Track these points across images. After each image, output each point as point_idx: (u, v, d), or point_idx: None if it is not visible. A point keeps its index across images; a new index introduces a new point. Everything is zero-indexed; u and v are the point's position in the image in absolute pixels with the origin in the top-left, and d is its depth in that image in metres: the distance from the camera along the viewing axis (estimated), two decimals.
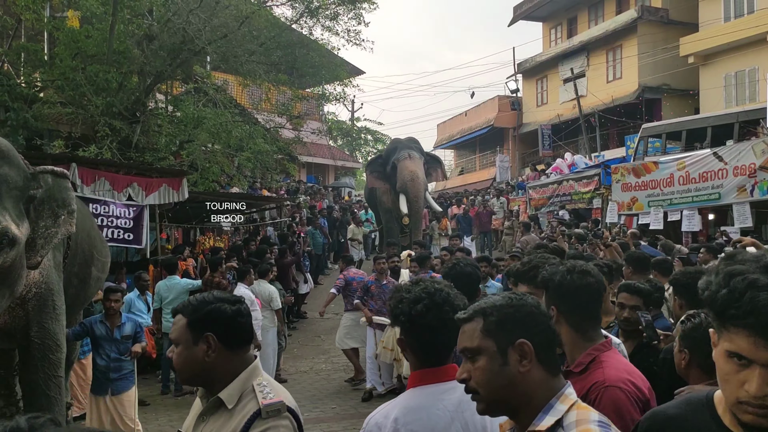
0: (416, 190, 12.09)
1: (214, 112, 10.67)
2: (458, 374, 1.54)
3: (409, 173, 12.08)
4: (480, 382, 1.48)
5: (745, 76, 18.06)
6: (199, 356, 1.81)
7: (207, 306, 1.86)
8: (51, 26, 10.33)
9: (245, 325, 1.90)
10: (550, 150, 23.93)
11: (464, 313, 1.57)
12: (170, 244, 10.30)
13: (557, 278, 2.09)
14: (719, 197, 10.86)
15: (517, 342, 1.46)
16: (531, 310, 1.51)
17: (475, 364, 1.49)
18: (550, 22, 26.72)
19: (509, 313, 1.50)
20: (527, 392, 1.47)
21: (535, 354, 1.46)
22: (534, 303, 1.54)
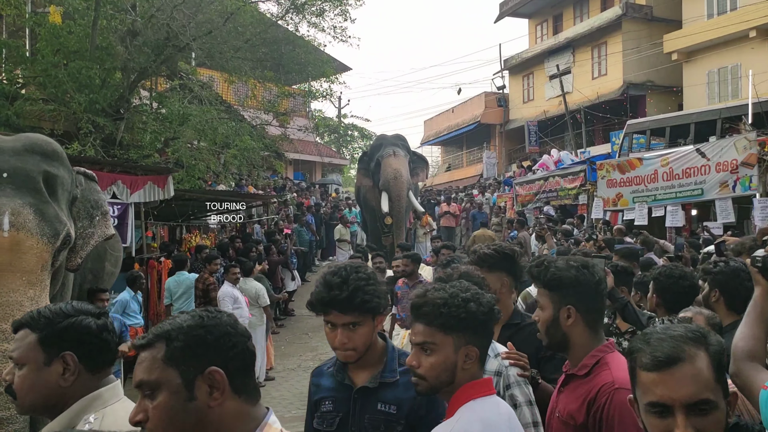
0: (399, 189, 11.67)
1: (200, 109, 10.59)
2: (131, 416, 1.26)
3: (393, 171, 11.68)
4: (158, 424, 1.23)
5: (728, 73, 18.25)
6: (52, 380, 1.55)
7: (65, 319, 1.60)
8: (32, 22, 10.18)
9: (111, 343, 1.67)
10: (536, 146, 24.04)
11: (142, 338, 1.31)
12: (156, 242, 10.23)
13: (572, 275, 2.00)
14: (702, 193, 10.98)
15: (207, 371, 1.26)
16: (226, 330, 1.30)
17: (153, 402, 1.24)
18: (536, 18, 26.82)
19: (199, 335, 1.27)
20: (221, 429, 1.27)
21: (230, 383, 1.27)
22: (230, 321, 1.33)
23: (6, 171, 3.31)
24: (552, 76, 23.55)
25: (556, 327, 2.01)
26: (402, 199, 11.69)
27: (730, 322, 2.70)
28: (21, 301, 3.09)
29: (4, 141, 3.54)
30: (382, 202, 11.75)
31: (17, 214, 3.19)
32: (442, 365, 1.72)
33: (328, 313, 1.93)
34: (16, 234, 3.16)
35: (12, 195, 3.25)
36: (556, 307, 2.01)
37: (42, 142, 3.64)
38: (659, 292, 3.08)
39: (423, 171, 13.23)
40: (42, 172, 3.45)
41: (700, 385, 1.25)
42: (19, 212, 3.20)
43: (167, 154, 10.53)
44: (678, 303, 2.88)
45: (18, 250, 3.16)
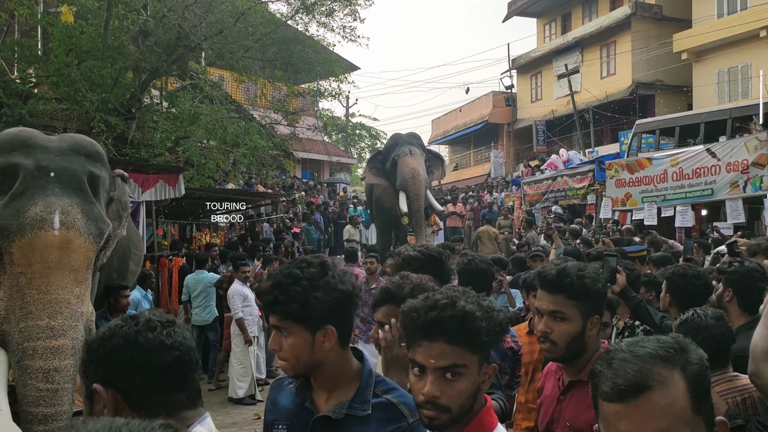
0: (417, 188, 11.49)
1: (210, 108, 10.65)
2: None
3: (410, 170, 11.50)
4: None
5: (738, 73, 18.16)
6: None
7: None
8: (45, 22, 10.28)
9: None
10: (544, 146, 24.00)
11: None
12: (167, 240, 10.30)
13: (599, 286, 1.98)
14: (712, 193, 10.95)
15: (94, 388, 1.31)
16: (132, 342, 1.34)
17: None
18: (545, 18, 26.76)
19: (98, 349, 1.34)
20: None
21: (127, 400, 1.30)
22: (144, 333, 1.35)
23: (53, 171, 3.35)
24: (560, 75, 23.49)
25: (581, 339, 1.94)
26: (420, 198, 11.54)
27: (743, 322, 2.72)
28: (69, 299, 3.15)
29: (50, 141, 3.59)
30: (400, 202, 11.57)
31: (66, 213, 3.24)
32: (469, 391, 1.43)
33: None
34: (66, 233, 3.20)
35: (60, 194, 3.29)
36: (585, 317, 1.94)
37: (86, 143, 3.71)
38: (672, 291, 3.10)
39: (439, 169, 13.06)
40: (87, 172, 3.50)
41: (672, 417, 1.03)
42: (68, 211, 3.25)
43: (178, 153, 10.60)
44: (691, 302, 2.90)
45: (67, 249, 3.20)
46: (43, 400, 2.92)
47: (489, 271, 3.34)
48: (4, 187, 3.29)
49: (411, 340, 1.46)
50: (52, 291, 3.10)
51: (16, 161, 3.32)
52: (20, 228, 3.13)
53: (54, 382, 2.97)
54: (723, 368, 2.25)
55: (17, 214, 3.16)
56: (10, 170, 3.30)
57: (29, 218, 3.15)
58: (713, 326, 2.23)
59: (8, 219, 3.15)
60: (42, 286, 3.10)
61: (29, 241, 3.13)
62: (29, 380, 2.95)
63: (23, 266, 3.12)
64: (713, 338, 2.21)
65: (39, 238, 3.14)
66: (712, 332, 2.22)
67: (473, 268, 3.26)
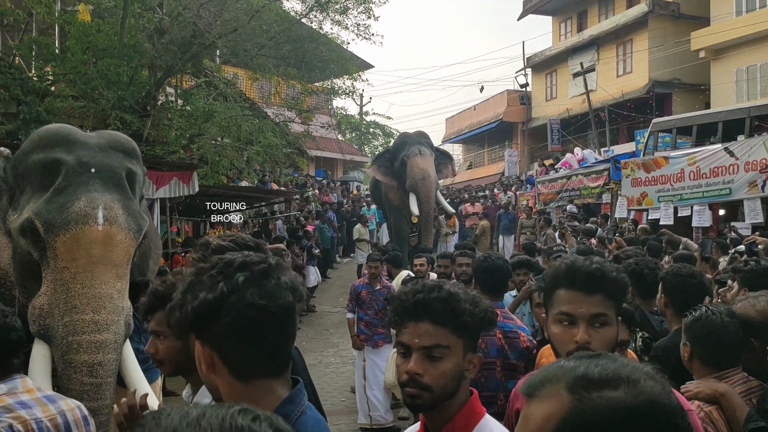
0: (427, 190, 11.26)
1: (225, 106, 10.70)
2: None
3: (420, 171, 11.28)
4: None
5: (757, 71, 17.90)
6: None
7: None
8: (62, 20, 10.38)
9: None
10: (559, 145, 23.84)
11: None
12: (180, 237, 10.37)
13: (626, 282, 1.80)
14: (730, 192, 10.80)
15: None
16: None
17: None
18: (560, 16, 26.57)
19: None
20: None
21: None
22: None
23: (94, 166, 3.39)
24: (576, 74, 23.32)
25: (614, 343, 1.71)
26: (431, 200, 11.34)
27: None
28: (111, 293, 3.18)
29: (90, 137, 3.63)
30: (410, 204, 11.37)
31: (109, 209, 3.28)
32: (451, 373, 1.48)
33: None
34: (109, 228, 3.24)
35: (102, 190, 3.33)
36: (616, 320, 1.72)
37: (123, 140, 3.76)
38: (667, 292, 3.05)
39: (447, 168, 12.83)
40: (125, 168, 3.55)
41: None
42: (111, 207, 3.30)
43: (192, 150, 10.66)
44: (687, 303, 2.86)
45: (110, 244, 3.24)
46: (87, 394, 2.95)
47: (506, 269, 3.30)
48: (46, 182, 3.34)
49: (399, 323, 1.54)
50: (96, 286, 3.13)
51: (58, 157, 3.36)
52: (65, 223, 3.17)
53: (98, 376, 3.01)
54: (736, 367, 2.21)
55: (61, 209, 3.20)
56: (51, 165, 3.35)
57: (74, 213, 3.19)
58: (728, 323, 2.19)
59: (53, 214, 3.20)
60: (86, 281, 3.13)
61: (74, 235, 3.17)
62: (74, 374, 3.00)
63: (67, 261, 3.15)
64: (729, 335, 2.17)
65: (83, 233, 3.18)
66: (727, 329, 2.18)
67: (489, 266, 3.21)
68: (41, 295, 3.19)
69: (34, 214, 3.23)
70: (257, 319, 1.19)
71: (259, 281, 1.21)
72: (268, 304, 1.19)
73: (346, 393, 7.24)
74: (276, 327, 1.22)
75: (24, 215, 3.29)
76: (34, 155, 3.42)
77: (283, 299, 1.22)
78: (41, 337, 3.17)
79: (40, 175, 3.38)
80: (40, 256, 3.24)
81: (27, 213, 3.28)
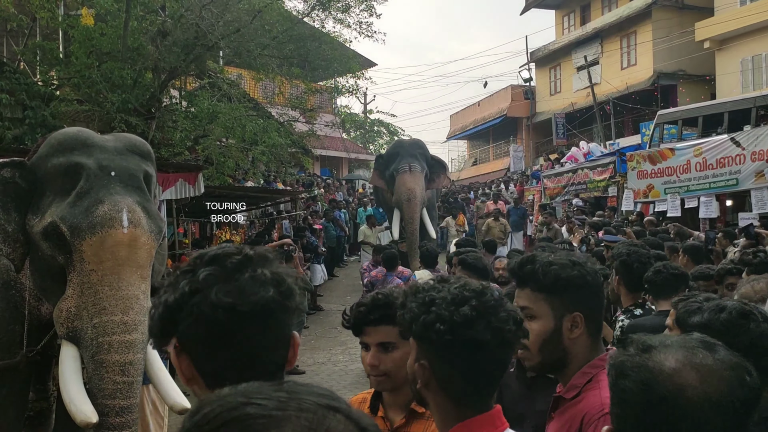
0: (411, 212, 10.87)
1: (229, 107, 10.73)
2: None
3: (406, 192, 10.89)
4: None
5: (762, 61, 17.78)
6: None
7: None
8: (66, 24, 10.43)
9: None
10: (564, 139, 23.76)
11: None
12: (187, 238, 10.41)
13: (578, 273, 1.63)
14: (737, 183, 10.74)
15: None
16: None
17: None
18: (563, 9, 26.47)
19: None
20: None
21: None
22: None
23: (114, 170, 3.44)
24: (580, 67, 23.22)
25: (558, 341, 1.61)
26: (414, 221, 10.97)
27: None
28: (137, 294, 3.24)
29: (106, 140, 3.67)
30: (393, 223, 11.19)
31: (132, 212, 3.33)
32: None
33: None
34: (133, 230, 3.29)
35: (123, 193, 3.38)
36: (558, 315, 1.61)
37: (140, 143, 3.80)
38: (619, 271, 3.07)
39: (441, 177, 12.33)
40: (143, 171, 3.59)
41: None
42: (134, 209, 3.34)
43: (197, 151, 10.70)
44: (639, 282, 2.87)
45: (135, 246, 3.29)
46: (120, 393, 3.04)
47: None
48: (67, 186, 3.38)
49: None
50: (123, 287, 3.19)
51: (79, 161, 3.40)
52: (91, 226, 3.21)
53: (129, 375, 3.09)
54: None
55: (87, 212, 3.24)
56: (72, 169, 3.39)
57: (99, 217, 3.23)
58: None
59: (78, 218, 3.24)
60: (114, 283, 3.18)
61: (100, 239, 3.21)
62: (105, 374, 3.06)
63: (94, 263, 3.20)
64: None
65: (110, 236, 3.23)
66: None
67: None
68: (68, 298, 3.24)
69: (58, 218, 3.27)
70: (224, 320, 1.02)
71: (227, 276, 1.04)
72: (235, 302, 1.01)
73: (355, 391, 7.25)
74: (251, 329, 1.04)
75: (47, 219, 3.32)
76: (54, 159, 3.46)
77: (259, 295, 1.03)
78: (70, 339, 3.24)
79: (61, 179, 3.41)
80: (65, 259, 3.28)
81: (50, 217, 3.31)
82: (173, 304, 1.04)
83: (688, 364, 0.93)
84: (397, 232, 11.00)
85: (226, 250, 1.09)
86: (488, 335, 1.23)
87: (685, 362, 0.93)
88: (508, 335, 1.25)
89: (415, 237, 10.90)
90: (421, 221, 11.17)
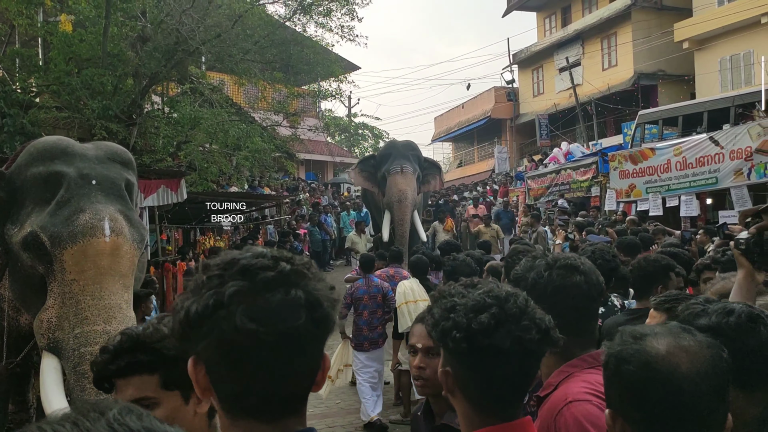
0: (402, 214, 10.61)
1: (211, 112, 10.69)
2: None
3: (398, 193, 10.62)
4: None
5: (740, 60, 18.04)
6: None
7: None
8: (44, 31, 10.33)
9: None
10: (547, 139, 23.92)
11: None
12: (170, 245, 10.34)
13: (531, 276, 1.65)
14: (716, 181, 10.88)
15: None
16: None
17: None
18: (544, 11, 26.68)
19: None
20: None
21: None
22: None
23: (95, 178, 3.41)
24: (561, 68, 23.42)
25: None
26: (405, 223, 10.73)
27: None
28: (120, 304, 3.20)
29: (87, 149, 3.63)
30: (383, 225, 10.88)
31: (114, 220, 3.30)
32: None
33: None
34: (116, 239, 3.26)
35: (104, 201, 3.35)
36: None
37: (120, 151, 3.78)
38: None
39: (435, 178, 12.10)
40: (124, 179, 3.56)
41: None
42: (116, 218, 3.31)
43: (180, 157, 10.63)
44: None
45: (117, 255, 3.26)
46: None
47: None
48: (47, 195, 3.34)
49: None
50: (106, 297, 3.15)
51: (59, 169, 3.37)
52: (72, 235, 3.18)
53: None
54: None
55: (67, 221, 3.21)
56: (52, 178, 3.35)
57: (80, 226, 3.20)
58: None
59: (59, 227, 3.20)
60: (96, 293, 3.14)
61: (81, 248, 3.18)
62: (88, 384, 2.99)
63: (75, 273, 3.16)
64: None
65: (91, 245, 3.19)
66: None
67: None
68: (48, 308, 3.19)
69: (38, 228, 3.22)
70: (244, 346, 0.90)
71: (256, 295, 0.91)
72: (258, 329, 0.89)
73: (342, 396, 7.24)
74: (271, 359, 0.91)
75: (27, 229, 3.28)
76: (34, 168, 3.42)
77: (288, 322, 0.91)
78: (51, 350, 3.17)
79: (40, 188, 3.37)
80: (46, 269, 3.24)
81: (30, 227, 3.27)
82: (195, 317, 0.92)
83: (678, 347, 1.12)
84: (387, 234, 10.68)
85: (260, 263, 0.94)
86: (508, 343, 1.20)
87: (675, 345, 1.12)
88: (530, 344, 1.21)
89: (405, 239, 10.59)
90: (412, 224, 10.96)
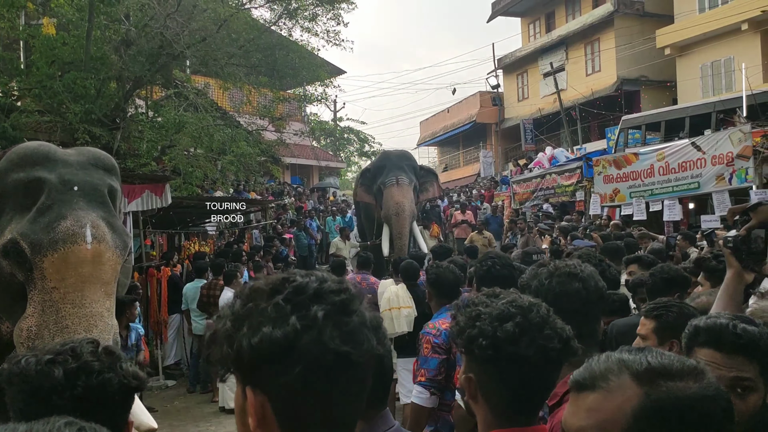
0: (400, 227, 10.29)
1: (196, 117, 10.61)
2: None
3: (395, 206, 10.29)
4: None
5: (721, 66, 18.31)
6: None
7: None
8: (26, 34, 10.20)
9: None
10: (532, 144, 24.10)
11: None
12: (155, 250, 10.24)
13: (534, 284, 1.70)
14: (698, 186, 11.01)
15: None
16: None
17: None
18: (528, 17, 26.89)
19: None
20: None
21: None
22: None
23: (77, 185, 3.35)
24: (546, 73, 23.62)
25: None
26: (404, 236, 10.42)
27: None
28: (101, 312, 3.15)
29: (69, 155, 3.58)
30: (383, 240, 10.51)
31: (96, 227, 3.25)
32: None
33: None
34: (98, 246, 3.21)
35: (86, 208, 3.30)
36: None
37: (104, 157, 3.73)
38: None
39: (434, 186, 11.75)
40: (107, 185, 3.52)
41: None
42: (98, 225, 3.26)
43: (164, 162, 10.54)
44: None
45: (99, 262, 3.21)
46: None
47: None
48: (28, 202, 3.28)
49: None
50: (87, 305, 3.10)
51: (40, 175, 3.31)
52: (53, 242, 3.12)
53: None
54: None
55: (48, 228, 3.15)
56: (33, 185, 3.30)
57: (61, 232, 3.14)
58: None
59: (39, 234, 3.14)
60: (77, 300, 3.09)
61: (62, 255, 3.12)
62: None
63: (56, 281, 3.10)
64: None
65: (72, 252, 3.14)
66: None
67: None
68: (28, 317, 3.12)
69: (18, 235, 3.17)
70: (334, 368, 0.88)
71: (339, 318, 0.89)
72: (351, 351, 0.88)
73: None
74: (353, 380, 0.91)
75: (7, 236, 3.22)
76: (14, 174, 3.37)
77: (368, 344, 0.90)
78: None
79: (21, 194, 3.32)
80: (26, 277, 3.18)
81: (10, 234, 3.21)
82: (282, 341, 0.86)
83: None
84: (387, 248, 10.32)
85: (328, 285, 0.92)
86: (531, 352, 1.24)
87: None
88: (552, 353, 1.26)
89: (404, 252, 10.32)
90: (412, 235, 10.68)
